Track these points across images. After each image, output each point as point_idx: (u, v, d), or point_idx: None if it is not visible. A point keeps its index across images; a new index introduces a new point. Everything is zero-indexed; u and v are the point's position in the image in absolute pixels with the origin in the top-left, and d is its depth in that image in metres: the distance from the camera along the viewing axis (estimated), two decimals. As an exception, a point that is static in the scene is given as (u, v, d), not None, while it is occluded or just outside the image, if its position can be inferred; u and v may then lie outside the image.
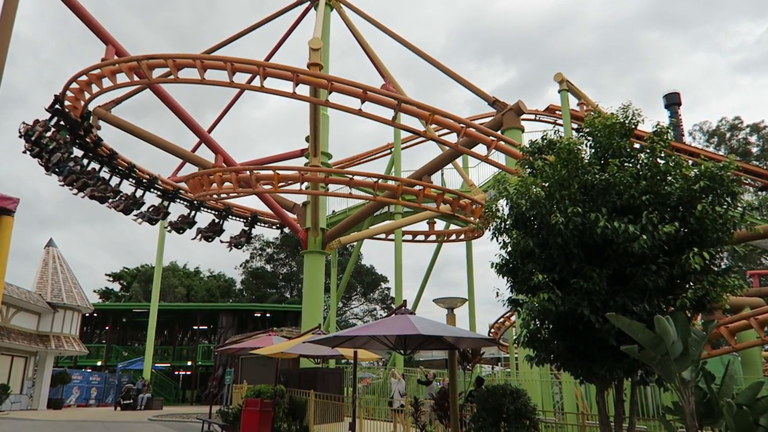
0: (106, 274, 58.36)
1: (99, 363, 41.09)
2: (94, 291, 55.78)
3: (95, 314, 40.05)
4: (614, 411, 7.80)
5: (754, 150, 53.29)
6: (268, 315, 44.88)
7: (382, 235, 27.25)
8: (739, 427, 5.75)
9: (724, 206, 7.20)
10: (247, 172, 19.12)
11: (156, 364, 38.25)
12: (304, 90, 17.41)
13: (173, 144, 23.03)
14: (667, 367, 6.15)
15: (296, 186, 19.77)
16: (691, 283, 7.12)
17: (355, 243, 31.82)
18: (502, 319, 35.16)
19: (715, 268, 7.36)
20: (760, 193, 29.53)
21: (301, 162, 24.54)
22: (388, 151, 31.75)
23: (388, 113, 17.27)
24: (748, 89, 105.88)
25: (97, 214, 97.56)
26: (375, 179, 18.70)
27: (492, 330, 35.77)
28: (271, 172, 19.01)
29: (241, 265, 62.62)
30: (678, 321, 6.22)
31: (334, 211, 30.69)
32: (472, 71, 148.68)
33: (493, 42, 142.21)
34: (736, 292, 7.50)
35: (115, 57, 17.86)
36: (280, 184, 19.03)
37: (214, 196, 20.62)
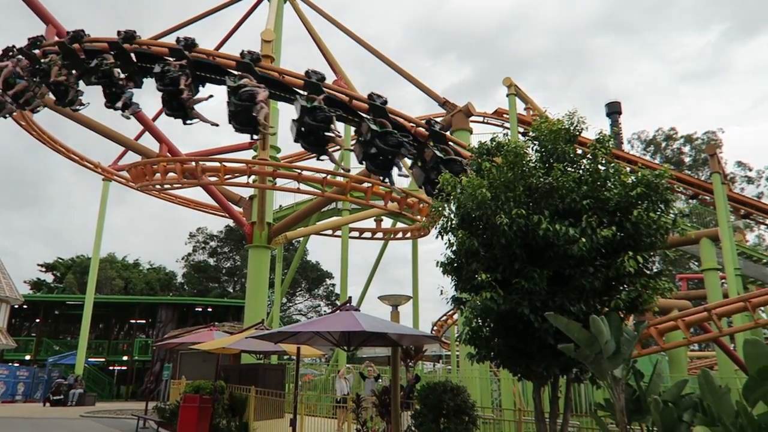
0: (38, 264, 55.74)
1: (27, 357, 39.21)
2: (25, 282, 53.16)
3: (25, 306, 38.17)
4: (549, 407, 8.06)
5: (687, 160, 56.04)
6: (209, 309, 43.95)
7: (329, 231, 27.14)
8: (665, 423, 6.05)
9: (658, 212, 7.53)
10: (193, 163, 18.66)
11: (90, 359, 36.81)
12: (253, 82, 17.08)
13: (114, 130, 22.21)
14: (600, 365, 6.40)
15: (243, 179, 19.42)
16: (625, 285, 7.43)
17: (301, 238, 31.59)
18: (445, 317, 35.69)
19: (648, 272, 7.71)
20: (690, 201, 31.11)
21: (249, 155, 24.11)
22: (338, 146, 31.58)
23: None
24: (688, 100, 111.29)
25: (24, 198, 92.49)
26: (324, 175, 18.58)
27: (435, 327, 36.26)
28: (217, 164, 18.59)
29: (182, 258, 61.09)
30: (612, 321, 6.48)
31: (281, 206, 30.36)
32: (428, 68, 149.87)
33: (448, 39, 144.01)
34: (666, 295, 7.89)
35: (56, 38, 17.07)
36: (227, 176, 18.64)
37: (158, 186, 20.02)
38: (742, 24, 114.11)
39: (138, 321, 44.24)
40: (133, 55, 16.15)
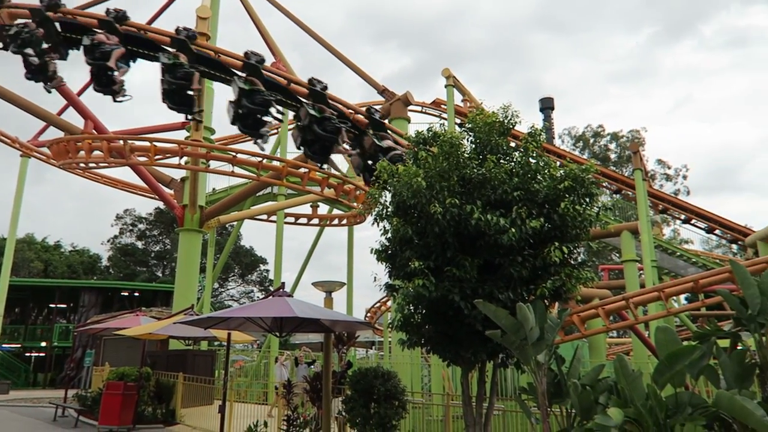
0: (-53, 244, 51.94)
1: (-66, 343, 36.62)
2: (-70, 262, 49.42)
3: (-70, 288, 35.50)
4: (476, 391, 8.32)
5: (613, 156, 58.73)
6: (136, 294, 42.41)
7: (264, 216, 26.77)
8: (582, 405, 6.37)
9: (583, 205, 7.87)
10: (121, 142, 17.89)
11: (3, 345, 34.78)
12: (188, 59, 16.50)
13: (33, 104, 20.93)
14: (525, 350, 6.66)
15: (175, 160, 18.80)
16: (551, 275, 7.72)
17: (235, 223, 30.96)
18: (378, 304, 36.01)
19: (572, 262, 8.06)
20: (614, 195, 32.66)
21: (181, 135, 23.34)
22: (275, 130, 31.10)
23: (276, 92, 16.89)
24: (616, 99, 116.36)
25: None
26: (259, 159, 18.26)
27: (368, 314, 36.54)
28: (147, 144, 17.92)
29: (108, 241, 58.56)
30: (537, 309, 6.75)
31: (214, 189, 29.61)
32: (368, 54, 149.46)
33: (390, 27, 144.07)
34: (588, 284, 8.28)
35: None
36: (157, 157, 17.99)
37: (82, 165, 19.07)
38: (669, 28, 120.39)
39: (58, 305, 42.09)
40: (57, 24, 15.23)
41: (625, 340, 36.14)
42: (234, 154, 18.24)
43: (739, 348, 6.34)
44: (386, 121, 17.46)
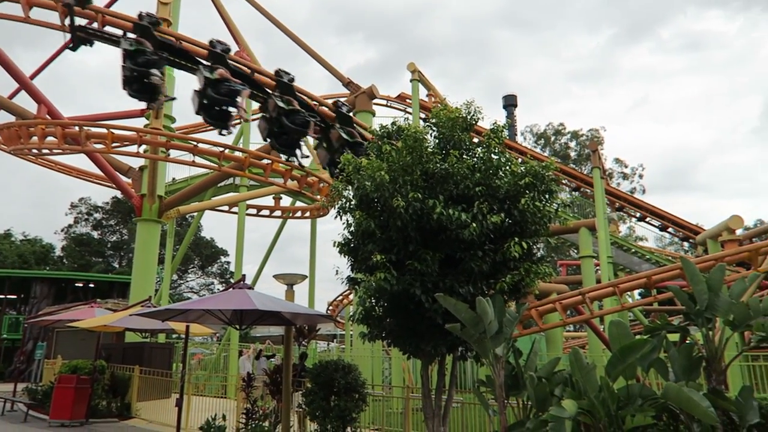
0: None
1: None
2: None
3: None
4: (436, 384, 8.41)
5: (573, 154, 59.97)
6: (91, 285, 41.22)
7: (225, 207, 26.35)
8: (538, 397, 6.51)
9: (543, 202, 8.01)
10: (76, 128, 17.33)
11: (-51, 337, 33.43)
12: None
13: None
14: (483, 344, 6.76)
15: (133, 148, 18.33)
16: (510, 269, 7.85)
17: (195, 213, 30.42)
18: (340, 297, 36.01)
19: (532, 257, 8.20)
20: (573, 192, 33.38)
21: (140, 123, 22.75)
22: (238, 120, 30.62)
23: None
24: (577, 97, 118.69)
25: None
26: (221, 149, 17.97)
27: (330, 307, 36.52)
28: (104, 131, 17.41)
29: (62, 230, 56.79)
30: (496, 303, 6.84)
31: (174, 179, 28.99)
32: (334, 46, 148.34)
33: (357, 18, 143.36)
34: (546, 279, 8.45)
35: None
36: (114, 144, 17.53)
37: (35, 151, 18.42)
38: (628, 30, 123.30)
39: (8, 296, 40.61)
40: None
41: (581, 334, 37.09)
42: (195, 143, 17.91)
43: (687, 342, 6.58)
44: (351, 114, 17.40)
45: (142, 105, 23.26)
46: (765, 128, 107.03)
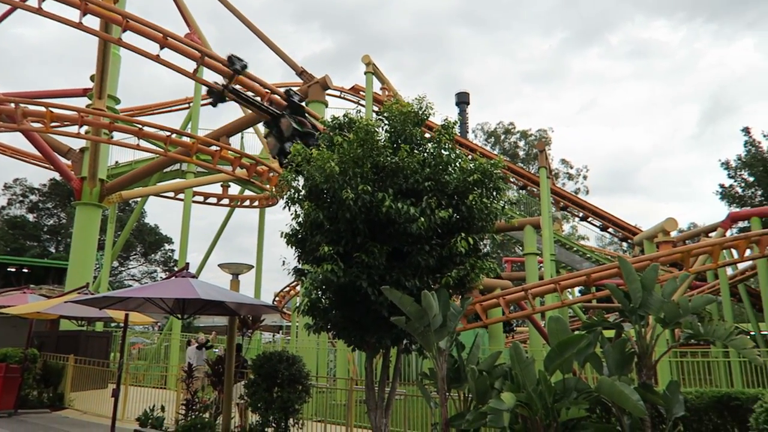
0: None
1: None
2: None
3: None
4: (380, 376, 8.47)
5: (521, 153, 61.28)
6: (25, 270, 39.39)
7: (171, 194, 25.65)
8: (478, 389, 6.65)
9: (491, 199, 8.14)
10: (12, 105, 16.48)
11: None
12: (93, 22, 15.49)
13: None
14: (427, 337, 6.85)
15: (74, 129, 17.57)
16: (456, 264, 7.96)
17: (139, 199, 29.49)
18: (287, 288, 35.69)
19: (477, 253, 8.34)
20: (520, 191, 34.14)
21: (82, 103, 21.84)
22: (187, 105, 29.84)
23: (189, 65, 16.22)
24: (529, 98, 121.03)
25: None
26: (168, 133, 17.46)
27: (277, 298, 36.14)
28: (43, 109, 16.62)
29: (-6, 212, 53.93)
30: (441, 297, 6.94)
31: (117, 162, 27.98)
32: (289, 34, 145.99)
33: (313, 7, 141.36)
34: (491, 275, 8.61)
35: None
36: (54, 124, 16.76)
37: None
38: (579, 34, 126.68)
39: (-68, 280, 38.37)
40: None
41: (523, 329, 38.04)
42: (140, 126, 17.33)
43: (621, 338, 6.85)
44: (303, 103, 17.22)
45: (86, 84, 22.37)
46: (702, 135, 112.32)
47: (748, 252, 16.15)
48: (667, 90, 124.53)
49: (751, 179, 24.12)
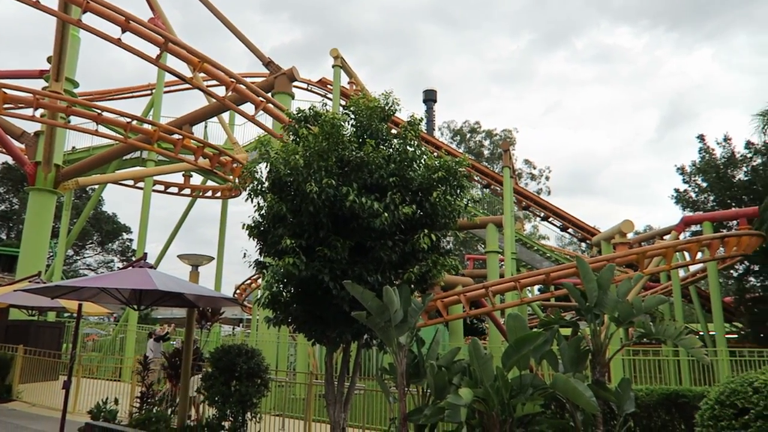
0: None
1: None
2: None
3: None
4: (340, 370, 8.45)
5: (486, 152, 61.97)
6: (-27, 257, 37.97)
7: (130, 182, 25.00)
8: (437, 385, 6.71)
9: (454, 196, 8.20)
10: (-38, 84, 15.79)
11: None
12: (52, 2, 14.97)
13: None
14: (388, 332, 6.86)
15: (29, 111, 16.95)
16: (419, 260, 8.00)
17: (96, 186, 28.69)
18: (249, 281, 35.27)
19: (440, 249, 8.40)
20: (484, 189, 34.54)
21: (38, 85, 21.06)
22: (149, 91, 29.14)
23: (153, 50, 15.84)
24: (495, 98, 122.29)
25: None
26: (128, 120, 17.01)
27: (238, 291, 35.67)
28: (-5, 90, 15.97)
29: (-59, 196, 51.66)
30: (402, 292, 6.97)
31: (74, 148, 27.15)
32: (258, 23, 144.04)
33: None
34: (452, 272, 8.69)
35: None
36: (7, 106, 16.13)
37: None
38: (547, 37, 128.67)
39: None
40: None
41: (484, 325, 38.52)
42: (99, 111, 16.82)
43: (577, 336, 7.00)
44: (269, 94, 17.02)
45: (43, 65, 21.62)
46: (660, 140, 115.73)
47: (699, 255, 16.73)
48: (628, 95, 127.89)
49: (705, 185, 24.91)
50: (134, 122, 17.24)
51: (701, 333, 23.25)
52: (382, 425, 10.93)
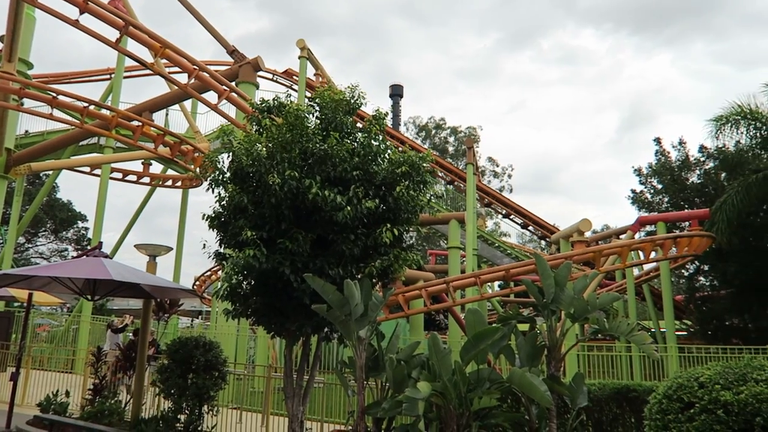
0: None
1: None
2: None
3: None
4: (299, 364, 8.42)
5: (450, 149, 62.46)
6: None
7: (87, 169, 24.25)
8: (396, 378, 6.75)
9: (417, 191, 8.24)
10: None
11: None
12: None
13: None
14: (348, 325, 6.86)
15: (-22, 92, 16.25)
16: (381, 254, 8.01)
17: (50, 172, 27.76)
18: (209, 273, 34.72)
19: (402, 244, 8.43)
20: (448, 186, 34.81)
21: (-11, 65, 20.19)
22: (108, 76, 28.30)
23: (112, 34, 15.37)
24: (461, 95, 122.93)
25: None
26: (85, 104, 16.47)
27: (197, 282, 35.10)
28: (-58, 68, 15.26)
29: None
30: (363, 286, 6.97)
31: (27, 132, 26.20)
32: (224, 9, 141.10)
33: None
34: (414, 266, 8.74)
35: None
36: (-45, 85, 15.42)
37: None
38: (513, 36, 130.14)
39: None
40: None
41: (443, 318, 38.85)
42: (54, 94, 16.24)
43: (534, 331, 7.14)
44: (233, 83, 16.75)
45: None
46: (620, 141, 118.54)
47: (653, 254, 17.25)
48: (590, 97, 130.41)
49: (660, 186, 25.67)
50: (92, 107, 16.71)
51: (653, 330, 24.05)
52: (341, 418, 10.95)
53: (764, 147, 18.23)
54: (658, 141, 26.09)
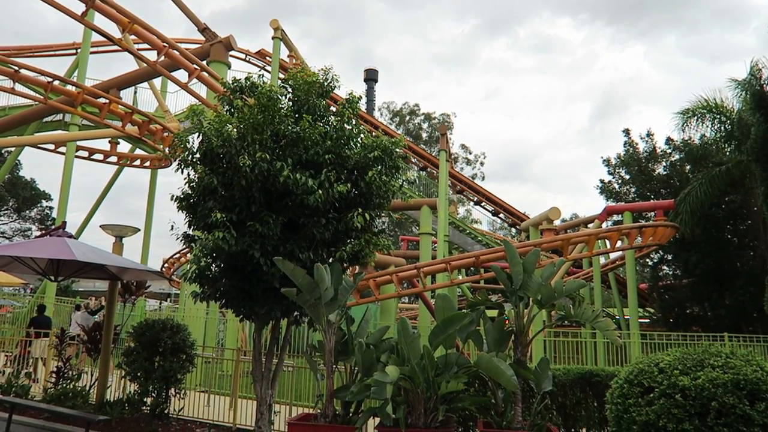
0: None
1: None
2: None
3: None
4: (268, 347, 8.38)
5: (424, 135, 62.50)
6: None
7: (51, 146, 23.58)
8: (365, 362, 6.78)
9: (389, 177, 8.22)
10: None
11: None
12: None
13: None
14: (317, 309, 6.86)
15: (-64, 64, 15.62)
16: (351, 239, 8.00)
17: (12, 149, 26.90)
18: (178, 255, 34.27)
19: (373, 229, 8.43)
20: (420, 172, 34.87)
21: (-52, 35, 19.42)
22: (74, 51, 27.46)
23: (78, 7, 14.89)
24: (437, 81, 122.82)
25: None
26: (50, 80, 15.97)
27: (166, 265, 34.61)
28: None
29: None
30: (334, 270, 6.96)
31: (-12, 107, 25.30)
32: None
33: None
34: (385, 252, 8.76)
35: None
36: None
37: None
38: (490, 23, 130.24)
39: None
40: None
41: (415, 305, 39.20)
42: (16, 68, 15.71)
43: (501, 317, 7.24)
44: (204, 62, 16.42)
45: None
46: (591, 131, 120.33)
47: (619, 243, 17.62)
48: (564, 86, 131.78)
49: (627, 177, 26.18)
50: (56, 82, 16.22)
51: (617, 317, 24.60)
52: (309, 402, 10.96)
53: (728, 141, 18.70)
54: (626, 132, 26.54)
